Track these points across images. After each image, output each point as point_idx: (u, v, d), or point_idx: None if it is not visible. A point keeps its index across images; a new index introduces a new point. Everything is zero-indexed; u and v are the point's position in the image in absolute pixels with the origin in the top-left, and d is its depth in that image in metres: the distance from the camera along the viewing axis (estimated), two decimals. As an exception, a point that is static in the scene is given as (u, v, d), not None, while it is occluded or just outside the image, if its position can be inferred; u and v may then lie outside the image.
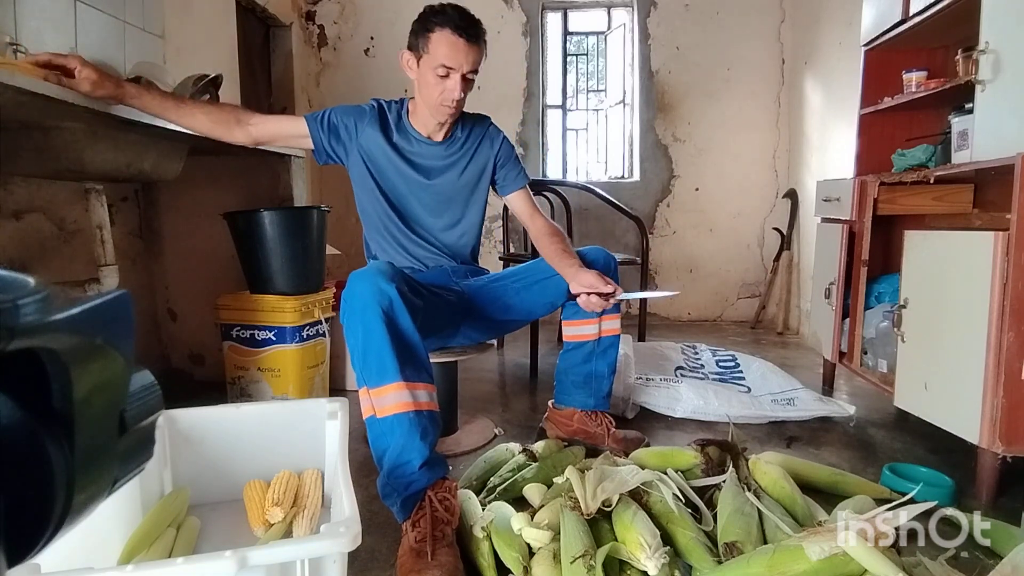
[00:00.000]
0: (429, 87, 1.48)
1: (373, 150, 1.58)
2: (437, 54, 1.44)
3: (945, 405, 1.51)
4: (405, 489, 1.18)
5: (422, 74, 1.49)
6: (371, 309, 1.17)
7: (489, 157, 1.66)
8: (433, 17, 1.46)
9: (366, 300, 1.18)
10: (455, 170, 1.64)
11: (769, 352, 2.89)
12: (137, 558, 1.07)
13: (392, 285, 1.19)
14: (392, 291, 1.19)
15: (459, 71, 1.45)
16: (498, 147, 1.67)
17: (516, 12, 3.69)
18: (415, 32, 1.49)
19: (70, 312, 0.24)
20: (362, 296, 1.19)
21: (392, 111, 1.61)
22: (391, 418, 1.18)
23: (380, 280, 1.19)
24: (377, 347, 1.17)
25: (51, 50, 1.64)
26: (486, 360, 2.74)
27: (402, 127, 1.60)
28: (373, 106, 1.60)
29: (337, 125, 1.57)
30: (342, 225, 3.57)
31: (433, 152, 1.61)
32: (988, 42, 1.50)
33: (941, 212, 1.89)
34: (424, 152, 1.61)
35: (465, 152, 1.65)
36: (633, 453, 1.53)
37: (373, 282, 1.19)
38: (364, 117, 1.58)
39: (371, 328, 1.17)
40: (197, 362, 2.34)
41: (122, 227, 2.14)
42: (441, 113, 1.52)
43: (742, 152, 3.71)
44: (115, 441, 0.27)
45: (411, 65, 1.52)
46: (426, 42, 1.45)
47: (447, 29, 1.43)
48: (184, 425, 1.32)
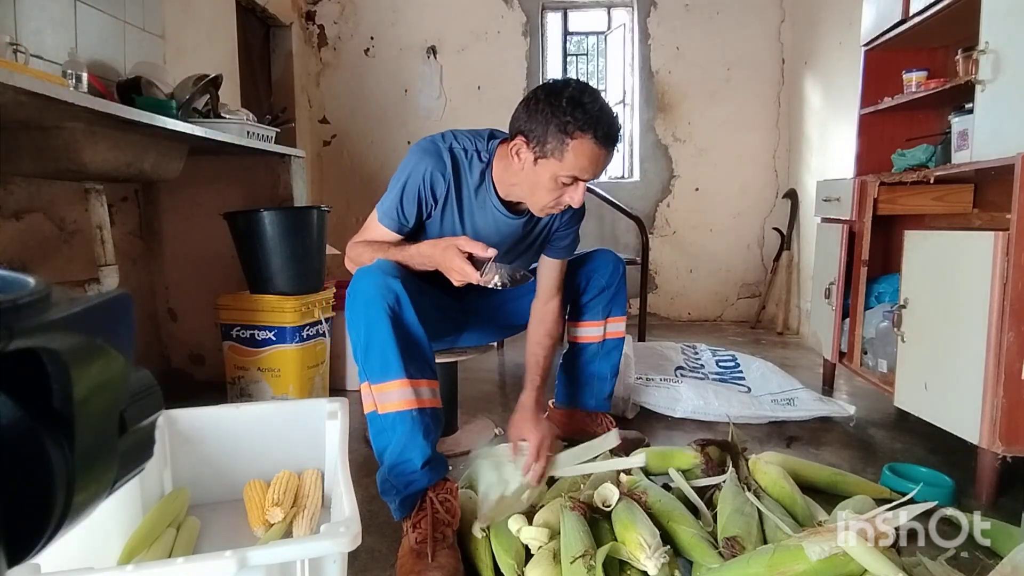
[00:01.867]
0: (543, 191, 1.23)
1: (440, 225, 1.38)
2: (572, 166, 1.18)
3: (945, 405, 1.51)
4: (405, 488, 1.18)
5: (537, 174, 1.22)
6: (376, 304, 1.16)
7: (557, 221, 1.45)
8: (577, 115, 1.15)
9: (371, 295, 1.17)
10: (522, 247, 1.45)
11: (769, 352, 2.89)
12: (137, 558, 1.07)
13: (398, 282, 1.18)
14: (398, 287, 1.17)
15: (589, 180, 1.24)
16: (569, 215, 1.44)
17: (516, 12, 3.69)
18: (543, 123, 1.17)
19: (70, 312, 0.24)
20: (367, 291, 1.17)
21: (475, 172, 1.32)
22: (393, 415, 1.17)
23: (386, 276, 1.18)
24: (381, 342, 1.16)
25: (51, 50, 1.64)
26: (486, 360, 2.74)
27: (481, 192, 1.34)
28: (443, 172, 1.30)
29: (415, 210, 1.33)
30: (342, 225, 3.57)
31: (508, 226, 1.38)
32: (988, 42, 1.50)
33: (941, 212, 1.89)
34: (495, 222, 1.37)
35: (540, 226, 1.44)
36: (633, 453, 1.53)
37: (379, 278, 1.18)
38: (439, 185, 1.31)
39: (375, 323, 1.16)
40: (197, 362, 2.34)
41: (122, 227, 2.13)
42: (542, 213, 1.31)
43: (742, 152, 3.71)
44: (115, 441, 0.27)
45: (522, 155, 1.23)
46: (561, 148, 1.17)
47: (590, 139, 1.16)
48: (184, 425, 1.32)
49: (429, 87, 3.73)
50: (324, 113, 3.78)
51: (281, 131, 2.29)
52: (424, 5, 3.64)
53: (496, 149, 1.33)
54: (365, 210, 1.51)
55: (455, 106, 3.72)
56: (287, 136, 2.96)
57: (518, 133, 1.23)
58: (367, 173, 3.72)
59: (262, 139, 2.07)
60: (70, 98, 1.25)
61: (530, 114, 1.20)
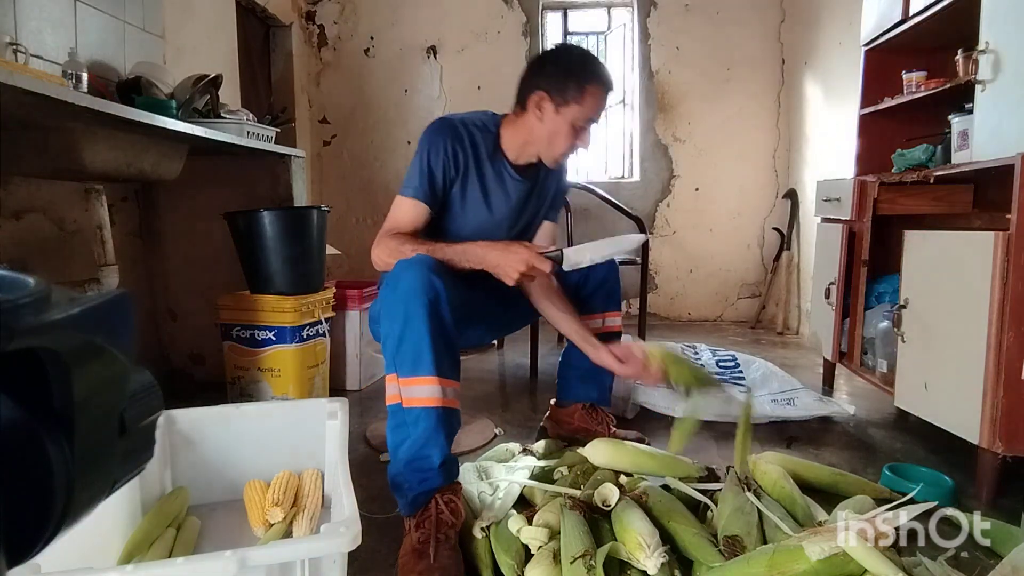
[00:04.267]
0: (562, 137, 1.39)
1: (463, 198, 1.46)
2: (589, 109, 1.37)
3: (945, 405, 1.51)
4: (419, 484, 1.18)
5: (558, 123, 1.38)
6: (417, 298, 1.16)
7: (551, 189, 1.60)
8: (586, 69, 1.37)
9: (414, 288, 1.16)
10: (525, 211, 1.57)
11: (769, 352, 2.89)
12: (137, 558, 1.08)
13: (440, 279, 1.18)
14: (440, 284, 1.17)
15: (596, 122, 1.42)
16: (562, 182, 1.63)
17: (516, 12, 3.69)
18: (562, 78, 1.36)
19: (70, 312, 0.24)
20: (410, 283, 1.17)
21: (488, 140, 1.46)
22: (418, 410, 1.17)
23: (430, 272, 1.18)
24: (416, 337, 1.16)
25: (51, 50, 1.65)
26: (486, 360, 2.74)
27: (496, 160, 1.47)
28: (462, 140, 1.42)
29: (440, 180, 1.42)
30: (342, 225, 3.57)
31: (514, 187, 1.50)
32: (988, 42, 1.50)
33: (941, 212, 1.89)
34: (507, 187, 1.49)
35: (539, 191, 1.57)
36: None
37: (423, 272, 1.18)
38: (460, 156, 1.42)
39: (413, 316, 1.16)
40: (197, 362, 2.34)
41: (122, 227, 2.13)
42: (558, 161, 1.46)
43: (742, 152, 3.71)
44: (115, 441, 0.27)
45: (544, 108, 1.38)
46: (579, 94, 1.35)
47: (599, 85, 1.37)
48: (184, 425, 1.32)
49: (429, 87, 3.73)
50: (324, 113, 3.79)
51: (281, 131, 2.29)
52: (424, 5, 3.64)
53: (501, 120, 1.49)
54: (365, 210, 1.51)
55: (455, 106, 3.72)
56: (287, 136, 2.96)
57: (537, 89, 1.38)
58: (367, 173, 3.72)
59: (262, 139, 2.07)
60: (70, 98, 1.25)
61: (547, 73, 1.39)
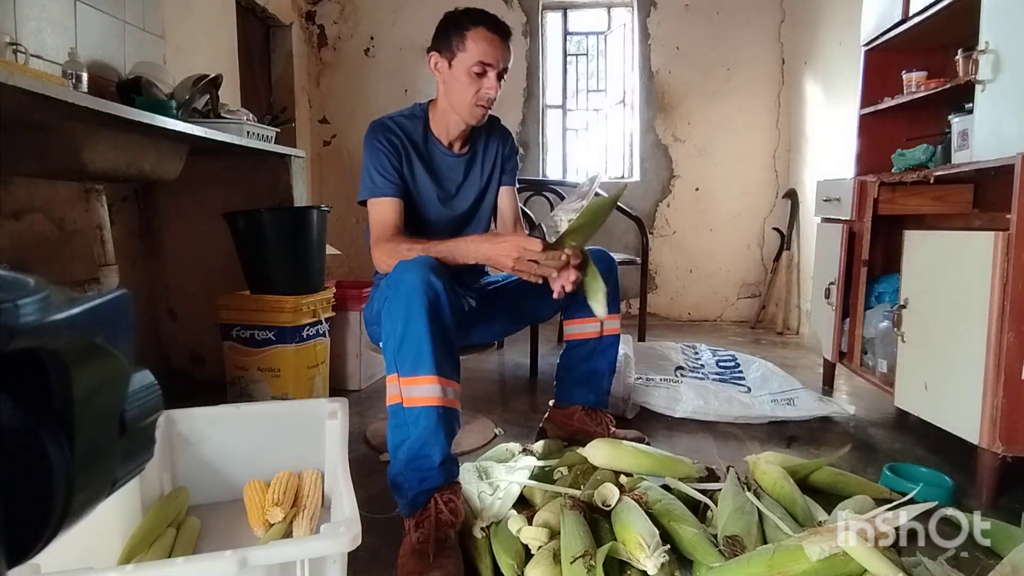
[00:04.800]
0: (463, 87, 1.46)
1: (415, 183, 1.55)
2: (475, 52, 1.43)
3: (945, 405, 1.51)
4: (419, 483, 1.18)
5: (454, 75, 1.46)
6: (418, 298, 1.17)
7: (498, 154, 1.66)
8: (465, 17, 1.45)
9: (414, 288, 1.18)
10: (475, 183, 1.63)
11: (769, 352, 2.89)
12: (137, 558, 1.07)
13: (440, 280, 1.20)
14: (440, 285, 1.19)
15: (496, 68, 1.46)
16: (508, 146, 1.69)
17: (516, 12, 3.69)
18: (445, 33, 1.46)
19: (70, 312, 0.24)
20: (411, 283, 1.18)
21: (417, 127, 1.55)
22: (419, 409, 1.18)
23: (429, 272, 1.20)
24: (416, 336, 1.17)
25: (51, 50, 1.65)
26: (486, 360, 2.74)
27: (429, 140, 1.57)
28: (395, 132, 1.52)
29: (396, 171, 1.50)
30: (342, 225, 3.57)
31: (455, 165, 1.59)
32: (988, 42, 1.50)
33: (941, 212, 1.89)
34: (449, 165, 1.58)
35: (483, 160, 1.64)
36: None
37: (424, 273, 1.19)
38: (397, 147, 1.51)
39: (414, 316, 1.17)
40: (197, 362, 2.34)
41: (122, 227, 2.13)
42: (475, 114, 1.50)
43: (742, 152, 3.71)
44: (115, 441, 0.27)
45: (440, 67, 1.49)
46: (460, 41, 1.44)
47: (482, 27, 1.44)
48: (184, 425, 1.32)
49: (429, 87, 3.72)
50: (324, 113, 3.79)
51: (281, 131, 2.29)
52: (424, 5, 3.64)
53: (428, 105, 1.59)
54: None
55: (455, 106, 3.72)
56: (287, 136, 2.97)
57: (430, 53, 1.49)
58: (367, 173, 3.72)
59: (262, 139, 2.07)
60: (70, 98, 1.25)
61: (435, 36, 1.49)
